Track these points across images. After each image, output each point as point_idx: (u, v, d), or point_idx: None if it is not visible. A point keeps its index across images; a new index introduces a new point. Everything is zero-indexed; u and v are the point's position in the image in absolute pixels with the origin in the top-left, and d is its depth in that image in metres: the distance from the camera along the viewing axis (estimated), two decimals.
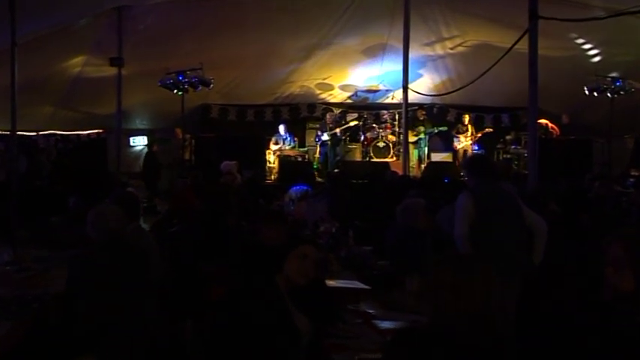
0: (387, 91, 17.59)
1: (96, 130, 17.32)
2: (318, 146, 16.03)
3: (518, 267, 4.92)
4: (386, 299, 4.57)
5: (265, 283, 3.62)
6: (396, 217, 5.84)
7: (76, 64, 14.40)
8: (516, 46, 9.12)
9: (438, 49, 15.81)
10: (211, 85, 14.18)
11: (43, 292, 4.39)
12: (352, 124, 16.54)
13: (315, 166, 15.75)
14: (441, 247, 4.98)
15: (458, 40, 15.26)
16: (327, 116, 16.40)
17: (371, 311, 4.28)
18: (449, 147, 16.32)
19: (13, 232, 6.79)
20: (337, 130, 15.87)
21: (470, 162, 5.81)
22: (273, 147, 15.81)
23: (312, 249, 3.79)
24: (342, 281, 4.92)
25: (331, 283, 4.69)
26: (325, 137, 15.74)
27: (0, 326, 3.81)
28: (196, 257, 5.47)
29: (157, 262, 4.96)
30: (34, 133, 16.38)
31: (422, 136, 15.83)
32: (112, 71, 14.16)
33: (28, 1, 8.71)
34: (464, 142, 15.88)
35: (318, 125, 16.36)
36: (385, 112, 17.27)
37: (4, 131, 13.76)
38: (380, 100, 17.98)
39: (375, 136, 16.34)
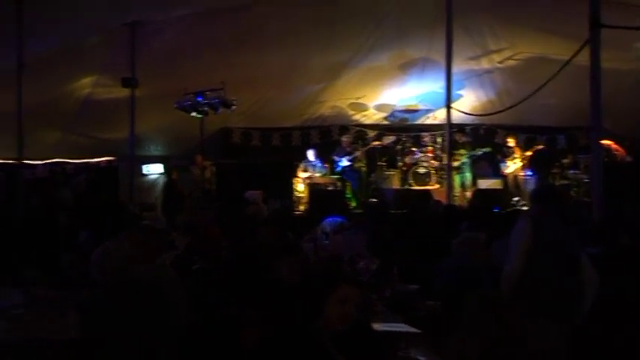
0: (427, 110, 17.57)
1: (106, 158, 17.50)
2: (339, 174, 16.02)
3: (568, 310, 4.88)
4: (438, 344, 4.51)
5: (304, 328, 3.59)
6: (452, 253, 5.79)
7: (85, 85, 14.59)
8: (574, 59, 9.07)
9: (484, 64, 15.79)
10: (233, 107, 14.18)
11: (58, 339, 4.41)
12: (375, 143, 16.57)
13: (348, 195, 15.72)
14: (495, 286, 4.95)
15: (507, 53, 15.22)
16: (344, 139, 16.41)
17: (423, 358, 4.23)
18: (497, 172, 16.20)
19: (22, 271, 6.85)
20: (358, 153, 15.88)
21: (536, 189, 5.82)
22: (301, 174, 15.82)
23: (354, 290, 3.75)
24: (387, 324, 4.87)
25: (376, 326, 4.64)
26: (345, 162, 15.74)
27: None
28: (223, 298, 5.45)
29: (181, 304, 4.95)
30: (41, 162, 16.63)
31: (464, 159, 15.74)
32: (124, 93, 14.26)
33: (36, 19, 8.89)
34: (513, 167, 15.73)
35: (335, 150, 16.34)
36: (426, 134, 17.24)
37: (7, 160, 14.06)
38: (419, 121, 17.96)
39: (414, 161, 16.29)
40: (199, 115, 14.03)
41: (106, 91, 14.78)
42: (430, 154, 16.35)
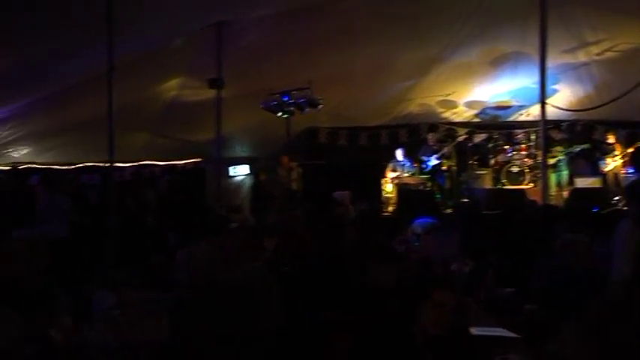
0: (520, 107, 17.25)
1: (193, 160, 17.88)
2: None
3: None
4: (540, 350, 4.40)
5: (398, 334, 3.57)
6: (553, 254, 5.65)
7: (172, 87, 14.92)
8: None
9: (581, 57, 15.33)
10: (320, 106, 14.23)
11: (151, 340, 4.52)
12: (461, 138, 16.38)
13: (437, 196, 15.57)
14: (598, 290, 4.79)
15: (606, 45, 14.73)
16: (429, 137, 16.26)
17: None
18: (596, 170, 15.74)
19: (113, 272, 7.08)
20: (445, 150, 15.72)
21: (630, 186, 5.60)
22: (390, 174, 15.75)
23: (449, 294, 3.71)
24: (484, 328, 4.79)
25: (472, 330, 4.58)
26: (434, 161, 15.59)
27: None
28: (314, 301, 5.48)
29: (272, 308, 4.99)
30: (130, 164, 17.15)
31: (560, 157, 15.35)
32: (211, 94, 14.47)
33: (124, 22, 9.14)
34: (613, 164, 15.26)
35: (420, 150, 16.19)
36: (519, 131, 16.90)
37: (100, 162, 14.58)
38: (512, 118, 17.65)
39: (507, 159, 16.03)
40: (285, 115, 14.14)
41: (193, 93, 15.06)
42: (524, 152, 16.03)
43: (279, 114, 14.13)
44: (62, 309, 4.70)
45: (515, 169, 15.80)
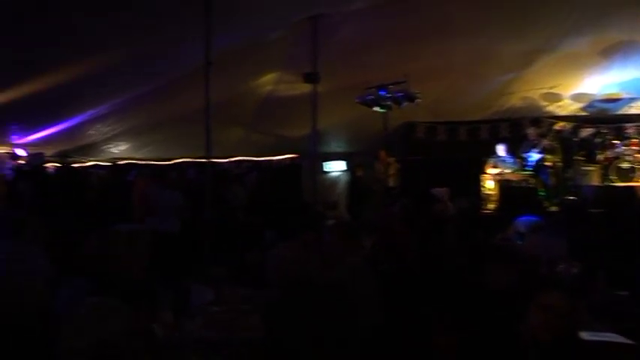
0: (630, 99, 16.68)
1: (288, 155, 18.07)
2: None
3: None
4: None
5: (504, 337, 3.50)
6: None
7: (267, 81, 15.09)
8: None
9: None
10: (417, 100, 14.10)
11: (251, 337, 4.60)
12: (558, 127, 15.98)
13: (541, 193, 15.22)
14: None
15: None
16: (531, 131, 15.86)
17: None
18: None
19: (210, 269, 7.22)
20: (546, 142, 15.33)
21: None
22: (491, 171, 15.49)
23: (558, 297, 3.61)
24: (595, 334, 4.65)
25: (583, 335, 4.45)
26: (536, 156, 15.23)
27: None
28: (414, 301, 5.45)
29: (370, 306, 4.99)
30: (225, 160, 17.49)
31: None
32: (306, 88, 14.51)
33: (222, 16, 9.30)
34: None
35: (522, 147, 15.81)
36: (629, 125, 16.36)
37: (196, 159, 14.92)
38: (621, 111, 17.07)
39: (616, 154, 15.53)
40: (382, 110, 14.08)
41: (288, 88, 15.17)
42: (635, 147, 15.49)
43: (376, 108, 14.06)
44: (163, 303, 4.83)
45: (625, 165, 15.29)
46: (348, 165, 17.23)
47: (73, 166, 16.87)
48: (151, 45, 10.27)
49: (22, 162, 13.35)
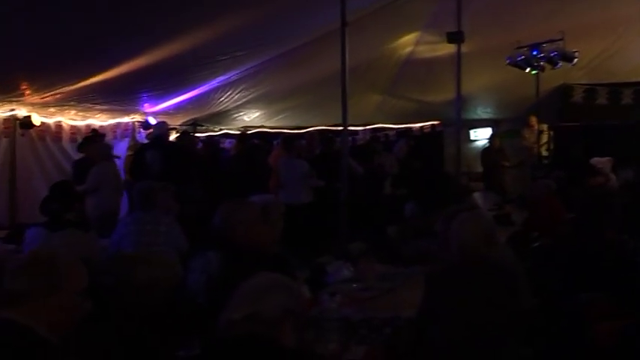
0: None
1: (430, 122, 18.01)
2: None
3: None
4: None
5: None
6: None
7: (407, 42, 14.98)
8: None
9: None
10: (575, 60, 13.72)
11: (394, 316, 4.70)
12: None
13: None
14: None
15: None
16: None
17: None
18: None
19: (349, 243, 7.35)
20: None
21: None
22: None
23: None
24: None
25: None
26: None
27: (350, 350, 4.21)
28: (568, 281, 5.38)
29: (525, 288, 4.97)
30: (361, 128, 17.63)
31: None
32: (450, 49, 14.29)
33: None
34: None
35: None
36: None
37: (332, 127, 15.12)
38: None
39: None
40: (535, 72, 13.81)
41: (430, 49, 15.00)
42: None
43: (527, 70, 13.81)
44: (298, 278, 5.00)
45: None
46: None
47: (206, 135, 17.44)
48: (284, 5, 10.41)
49: (151, 130, 13.89)
